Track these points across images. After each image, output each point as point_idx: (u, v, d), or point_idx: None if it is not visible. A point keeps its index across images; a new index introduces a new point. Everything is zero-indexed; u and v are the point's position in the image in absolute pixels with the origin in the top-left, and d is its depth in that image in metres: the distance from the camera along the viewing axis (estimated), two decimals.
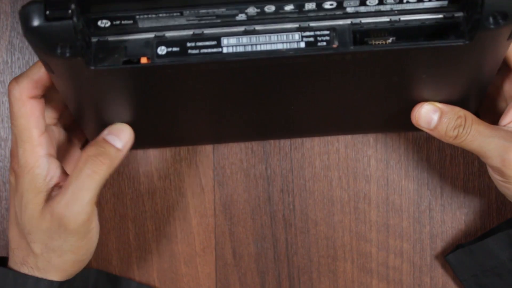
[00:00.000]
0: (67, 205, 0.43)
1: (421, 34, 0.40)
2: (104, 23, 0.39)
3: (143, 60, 0.39)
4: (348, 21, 0.40)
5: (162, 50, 0.39)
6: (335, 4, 0.39)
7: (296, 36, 0.39)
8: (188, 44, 0.39)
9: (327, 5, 0.39)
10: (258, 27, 0.39)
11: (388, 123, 0.50)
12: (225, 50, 0.39)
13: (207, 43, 0.39)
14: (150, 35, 0.40)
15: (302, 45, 0.39)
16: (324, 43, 0.39)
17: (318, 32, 0.39)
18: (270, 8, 0.39)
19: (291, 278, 0.57)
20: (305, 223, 0.56)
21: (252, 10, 0.39)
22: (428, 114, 0.45)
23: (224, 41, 0.39)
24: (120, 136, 0.45)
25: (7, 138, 0.56)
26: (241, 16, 0.39)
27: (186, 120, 0.46)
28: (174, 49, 0.39)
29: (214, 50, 0.39)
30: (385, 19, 0.40)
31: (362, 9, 0.39)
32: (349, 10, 0.39)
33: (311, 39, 0.39)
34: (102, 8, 0.39)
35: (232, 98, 0.44)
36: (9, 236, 0.47)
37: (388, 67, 0.41)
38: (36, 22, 0.37)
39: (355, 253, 0.56)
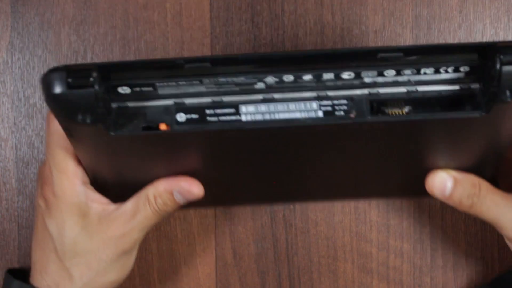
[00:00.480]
0: (125, 236, 0.46)
1: (438, 104, 0.40)
2: (124, 90, 0.40)
3: (163, 126, 0.40)
4: (366, 91, 0.40)
5: (181, 117, 0.40)
6: (353, 74, 0.39)
7: (314, 105, 0.40)
8: (207, 111, 0.40)
9: (345, 76, 0.39)
10: (276, 95, 0.40)
11: (403, 188, 0.50)
12: (243, 118, 0.39)
13: (226, 110, 0.40)
14: (170, 101, 0.40)
15: (320, 114, 0.39)
16: (342, 113, 0.39)
17: (336, 102, 0.40)
18: (288, 78, 0.39)
19: (291, 278, 0.56)
20: (305, 223, 0.56)
21: (270, 79, 0.39)
22: (442, 183, 0.44)
23: (243, 108, 0.40)
24: (189, 199, 0.45)
25: (7, 139, 0.56)
26: (260, 85, 0.40)
27: (201, 182, 0.46)
28: (193, 116, 0.40)
29: (233, 118, 0.40)
30: (403, 89, 0.40)
31: (380, 79, 0.40)
32: (366, 80, 0.40)
33: (329, 108, 0.39)
34: (123, 76, 0.39)
35: (246, 160, 0.44)
36: (34, 260, 0.48)
37: (404, 135, 0.41)
38: (58, 90, 0.37)
39: (356, 253, 0.56)
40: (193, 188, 0.45)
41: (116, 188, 0.46)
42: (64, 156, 0.45)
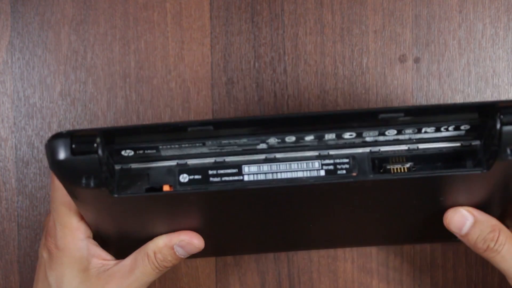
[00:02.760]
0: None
1: (439, 159, 0.41)
2: (127, 153, 0.40)
3: (166, 187, 0.41)
4: (367, 149, 0.41)
5: (184, 178, 0.41)
6: (354, 134, 0.40)
7: (316, 164, 0.40)
8: (210, 172, 0.40)
9: (346, 136, 0.40)
10: (278, 155, 0.41)
11: (407, 235, 0.51)
12: (246, 178, 0.40)
13: (228, 171, 0.40)
14: (173, 162, 0.41)
15: (322, 173, 0.40)
16: (344, 171, 0.40)
17: (337, 160, 0.40)
18: (290, 139, 0.40)
19: (291, 277, 0.56)
20: None
21: (273, 140, 0.40)
22: (461, 220, 0.43)
23: (245, 169, 0.40)
24: (190, 252, 0.46)
25: (7, 138, 0.56)
26: (262, 145, 0.40)
27: (204, 236, 0.47)
28: (196, 176, 0.41)
29: (235, 178, 0.40)
30: (404, 147, 0.41)
31: (381, 138, 0.40)
32: (368, 139, 0.40)
33: (331, 167, 0.40)
34: (127, 140, 0.40)
35: (250, 215, 0.45)
36: None
37: (406, 190, 0.42)
38: (62, 156, 0.38)
39: (355, 253, 0.56)
40: (194, 240, 0.45)
41: (118, 243, 0.47)
42: (67, 212, 0.45)
